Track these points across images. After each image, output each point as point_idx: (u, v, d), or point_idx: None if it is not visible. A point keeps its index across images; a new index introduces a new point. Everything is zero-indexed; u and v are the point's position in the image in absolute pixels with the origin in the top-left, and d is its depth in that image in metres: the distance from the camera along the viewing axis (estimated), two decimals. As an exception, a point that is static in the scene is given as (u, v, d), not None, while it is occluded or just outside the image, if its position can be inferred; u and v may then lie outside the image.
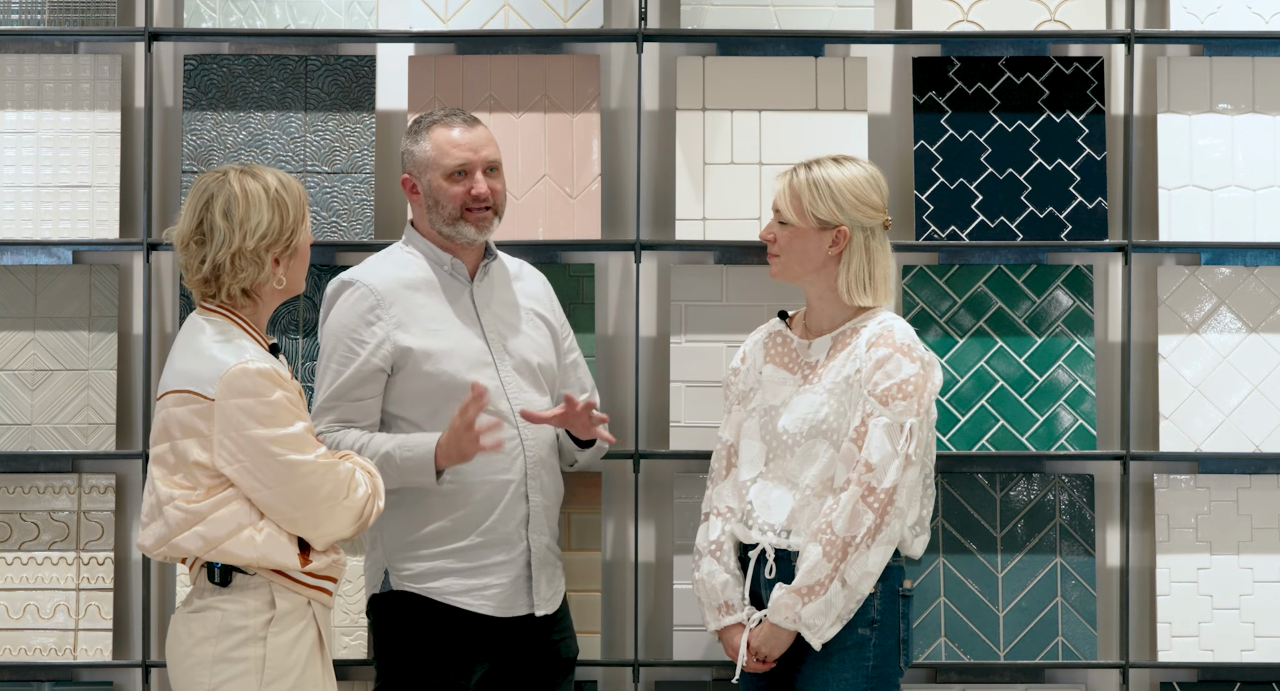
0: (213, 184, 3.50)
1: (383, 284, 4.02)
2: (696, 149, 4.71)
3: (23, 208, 4.68)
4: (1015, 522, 4.68)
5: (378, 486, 3.58)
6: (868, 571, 3.74)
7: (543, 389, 4.12)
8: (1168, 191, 4.71)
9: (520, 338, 4.11)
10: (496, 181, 4.06)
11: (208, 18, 4.67)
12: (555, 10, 4.69)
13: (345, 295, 4.03)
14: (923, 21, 4.71)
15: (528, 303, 4.18)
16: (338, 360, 4.00)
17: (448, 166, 4.03)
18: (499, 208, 4.07)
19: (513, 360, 4.08)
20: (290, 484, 3.41)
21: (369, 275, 4.05)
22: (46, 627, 4.62)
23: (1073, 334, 4.70)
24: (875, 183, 3.91)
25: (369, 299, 4.00)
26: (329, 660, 3.56)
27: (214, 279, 3.50)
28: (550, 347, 4.17)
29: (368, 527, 3.56)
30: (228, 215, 3.46)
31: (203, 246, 3.48)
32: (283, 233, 3.51)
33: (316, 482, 3.43)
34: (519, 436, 4.04)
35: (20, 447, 4.64)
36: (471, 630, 4.01)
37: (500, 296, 4.14)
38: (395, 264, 4.09)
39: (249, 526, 3.43)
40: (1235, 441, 4.68)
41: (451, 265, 4.08)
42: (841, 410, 3.82)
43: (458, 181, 4.04)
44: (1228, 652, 4.66)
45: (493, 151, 4.07)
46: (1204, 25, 4.71)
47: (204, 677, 3.44)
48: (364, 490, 3.51)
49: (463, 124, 4.06)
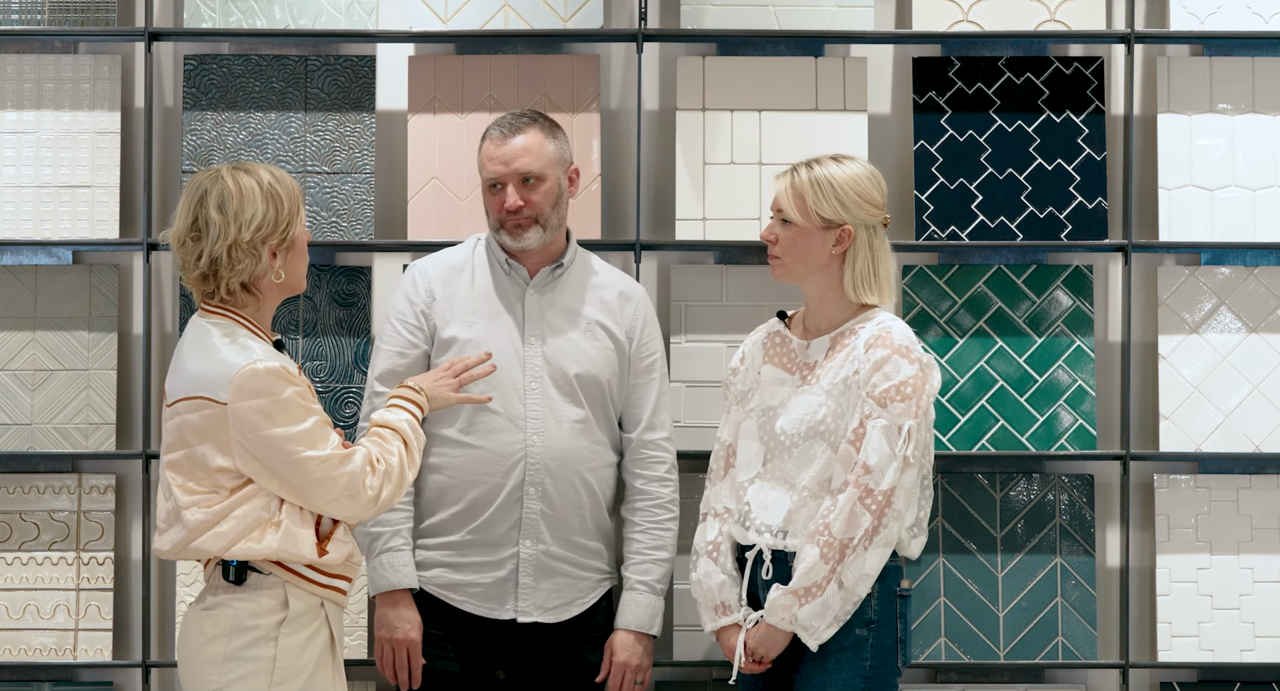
0: (206, 181, 3.51)
1: (439, 274, 4.14)
2: (696, 149, 4.71)
3: (23, 208, 4.68)
4: (1015, 522, 4.68)
5: (402, 460, 3.56)
6: (865, 573, 3.74)
7: (579, 401, 4.11)
8: (1168, 191, 4.71)
9: (565, 345, 4.11)
10: (533, 192, 4.08)
11: (208, 18, 4.67)
12: (555, 10, 4.69)
13: (405, 278, 4.18)
14: (923, 21, 4.71)
15: (593, 312, 4.17)
16: (388, 341, 4.13)
17: (485, 179, 4.12)
18: (540, 217, 4.09)
19: (548, 367, 4.09)
20: (307, 480, 3.42)
21: (431, 263, 4.18)
22: (46, 627, 4.62)
23: (1073, 334, 4.70)
24: (875, 180, 3.91)
25: (423, 284, 4.13)
26: (340, 662, 3.56)
27: (212, 275, 3.49)
28: (605, 360, 4.14)
29: (399, 496, 3.56)
30: (222, 209, 3.46)
31: (199, 242, 3.48)
32: (278, 224, 3.51)
33: (332, 475, 3.43)
34: (523, 443, 4.04)
35: (20, 447, 4.64)
36: (458, 626, 4.05)
37: (563, 303, 4.15)
38: (461, 256, 4.19)
39: (268, 523, 3.44)
40: (1235, 441, 4.68)
41: (509, 266, 4.12)
42: (839, 411, 3.82)
43: (495, 193, 4.10)
44: (1228, 652, 4.66)
45: (527, 162, 4.07)
46: (1204, 25, 4.71)
47: (214, 675, 3.44)
48: (382, 470, 3.50)
49: (502, 135, 4.10)
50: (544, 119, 4.14)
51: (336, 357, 4.67)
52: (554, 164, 4.11)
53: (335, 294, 4.68)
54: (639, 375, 4.20)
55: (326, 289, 4.68)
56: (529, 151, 4.08)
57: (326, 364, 4.67)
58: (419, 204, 4.67)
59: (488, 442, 4.05)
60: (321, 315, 4.68)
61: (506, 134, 4.09)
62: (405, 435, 3.58)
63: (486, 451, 4.04)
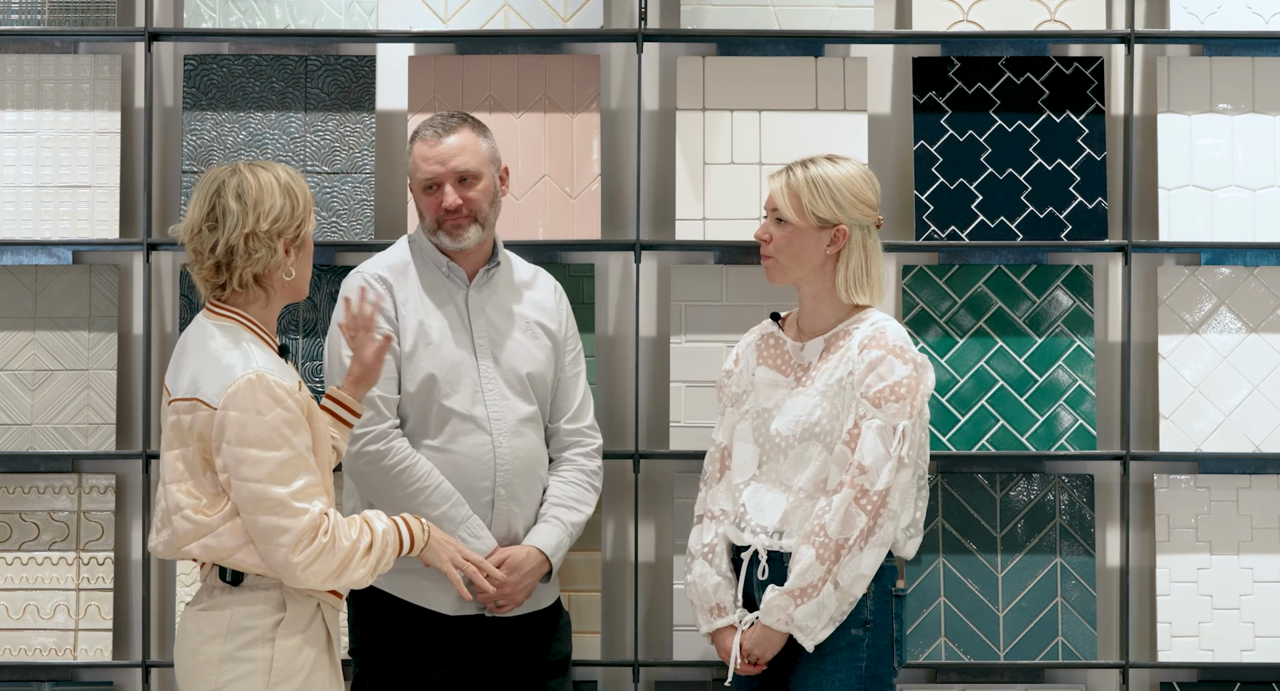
0: (223, 174, 3.49)
1: (392, 276, 4.07)
2: (696, 149, 4.71)
3: (23, 208, 4.68)
4: (1015, 522, 4.68)
5: (354, 552, 3.41)
6: (860, 573, 3.73)
7: (530, 398, 4.10)
8: (1168, 191, 4.71)
9: (512, 345, 4.11)
10: (470, 191, 4.04)
11: (208, 18, 4.67)
12: (555, 10, 4.69)
13: (353, 282, 4.06)
14: (923, 21, 4.71)
15: (531, 312, 4.16)
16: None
17: (420, 180, 4.07)
18: (478, 215, 4.05)
19: (499, 368, 4.08)
20: (253, 509, 3.36)
21: (376, 266, 4.10)
22: (46, 627, 4.62)
23: (1073, 334, 4.70)
24: (870, 180, 3.91)
25: (379, 286, 4.04)
26: (338, 663, 3.55)
27: (226, 265, 3.46)
28: (547, 359, 4.15)
29: (331, 579, 3.42)
30: (241, 198, 3.45)
31: (215, 231, 3.46)
32: (294, 220, 3.50)
33: (276, 522, 3.36)
34: (492, 445, 4.04)
35: (20, 448, 4.64)
36: (430, 628, 4.02)
37: (499, 302, 4.13)
38: (402, 257, 4.12)
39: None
40: (1235, 441, 4.68)
41: (448, 268, 4.09)
42: (834, 412, 3.81)
43: (431, 194, 4.06)
44: (1228, 652, 4.66)
45: (464, 161, 4.04)
46: (1204, 25, 4.71)
47: (210, 676, 3.44)
48: (323, 542, 3.38)
49: (435, 135, 4.05)
50: (473, 119, 4.10)
51: (336, 357, 4.66)
52: (488, 162, 4.08)
53: (335, 294, 4.68)
54: (567, 367, 4.21)
55: (326, 289, 4.68)
56: (464, 150, 4.05)
57: (326, 364, 4.66)
58: (419, 204, 4.67)
59: (458, 447, 4.02)
60: (321, 315, 4.68)
61: (440, 133, 4.05)
62: (376, 538, 3.47)
63: (459, 456, 4.01)
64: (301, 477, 3.38)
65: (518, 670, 4.08)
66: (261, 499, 3.35)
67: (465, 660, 4.03)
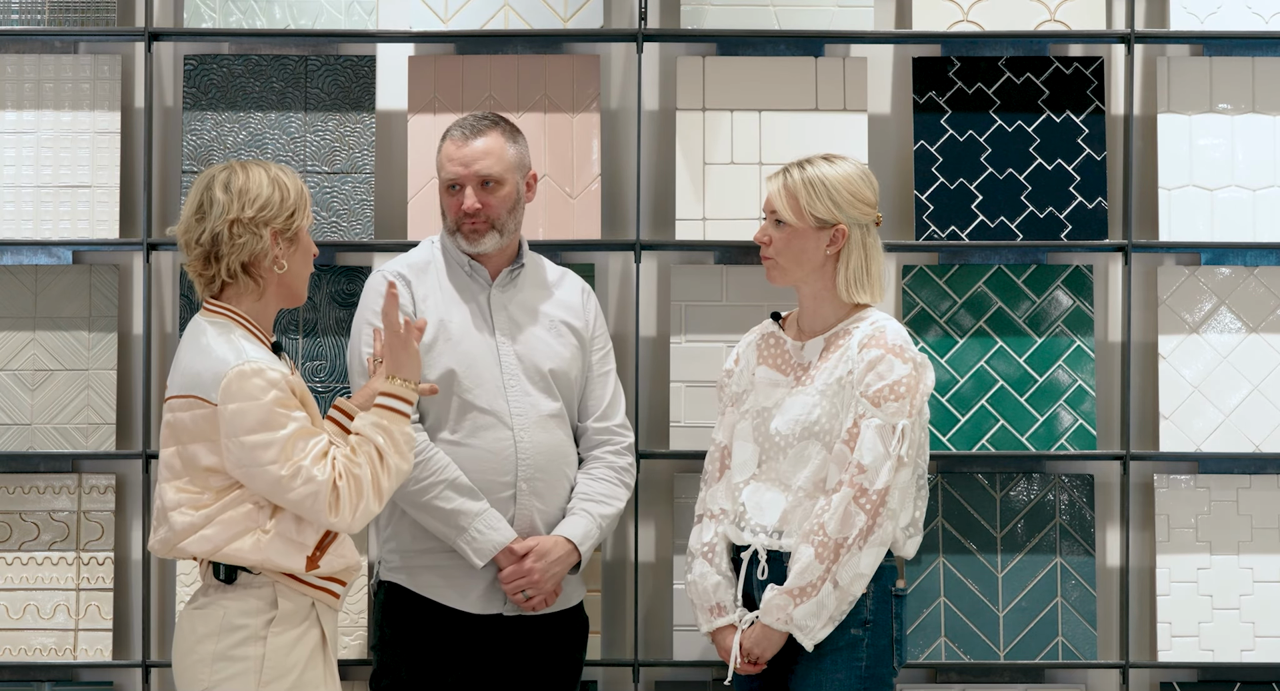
0: (215, 170, 3.56)
1: (412, 273, 4.09)
2: (696, 149, 4.71)
3: (23, 208, 4.68)
4: (1015, 522, 4.68)
5: (374, 470, 3.49)
6: (860, 573, 3.73)
7: (554, 395, 4.11)
8: (1168, 191, 4.70)
9: (534, 342, 4.11)
10: (491, 196, 4.05)
11: (208, 18, 4.67)
12: (555, 10, 4.69)
13: (376, 281, 4.09)
14: (923, 21, 4.71)
15: (555, 310, 4.17)
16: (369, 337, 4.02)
17: (443, 179, 4.08)
18: (496, 222, 4.06)
19: (521, 364, 4.08)
20: (273, 489, 3.42)
21: (399, 265, 4.12)
22: (46, 627, 4.62)
23: (1073, 334, 4.70)
24: (868, 179, 3.91)
25: (400, 283, 4.05)
26: (333, 662, 3.56)
27: (213, 255, 3.50)
28: (572, 356, 4.16)
29: (379, 503, 3.49)
30: (227, 188, 3.51)
31: (202, 222, 3.51)
32: (282, 210, 3.52)
33: (299, 491, 3.42)
34: (513, 439, 4.04)
35: (20, 447, 4.65)
36: (454, 626, 4.03)
37: (523, 300, 4.14)
38: (424, 256, 4.14)
39: (255, 529, 3.44)
40: (1235, 441, 4.68)
41: (471, 267, 4.10)
42: (834, 411, 3.81)
43: (453, 195, 4.07)
44: (1228, 652, 4.66)
45: (487, 165, 4.04)
46: (1204, 25, 4.70)
47: (204, 674, 3.45)
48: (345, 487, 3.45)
49: (463, 136, 4.06)
50: (505, 122, 4.11)
51: (336, 358, 4.67)
52: (513, 169, 4.08)
53: (335, 294, 4.68)
54: (595, 366, 4.21)
55: (326, 289, 4.68)
56: (489, 154, 4.05)
57: (326, 364, 4.67)
58: (419, 204, 4.67)
59: (479, 441, 4.03)
60: (321, 315, 4.68)
61: (468, 135, 4.06)
62: (375, 441, 3.51)
63: (479, 450, 4.03)
64: (309, 442, 3.44)
65: (539, 677, 4.10)
66: (272, 475, 3.40)
67: (487, 660, 4.04)
